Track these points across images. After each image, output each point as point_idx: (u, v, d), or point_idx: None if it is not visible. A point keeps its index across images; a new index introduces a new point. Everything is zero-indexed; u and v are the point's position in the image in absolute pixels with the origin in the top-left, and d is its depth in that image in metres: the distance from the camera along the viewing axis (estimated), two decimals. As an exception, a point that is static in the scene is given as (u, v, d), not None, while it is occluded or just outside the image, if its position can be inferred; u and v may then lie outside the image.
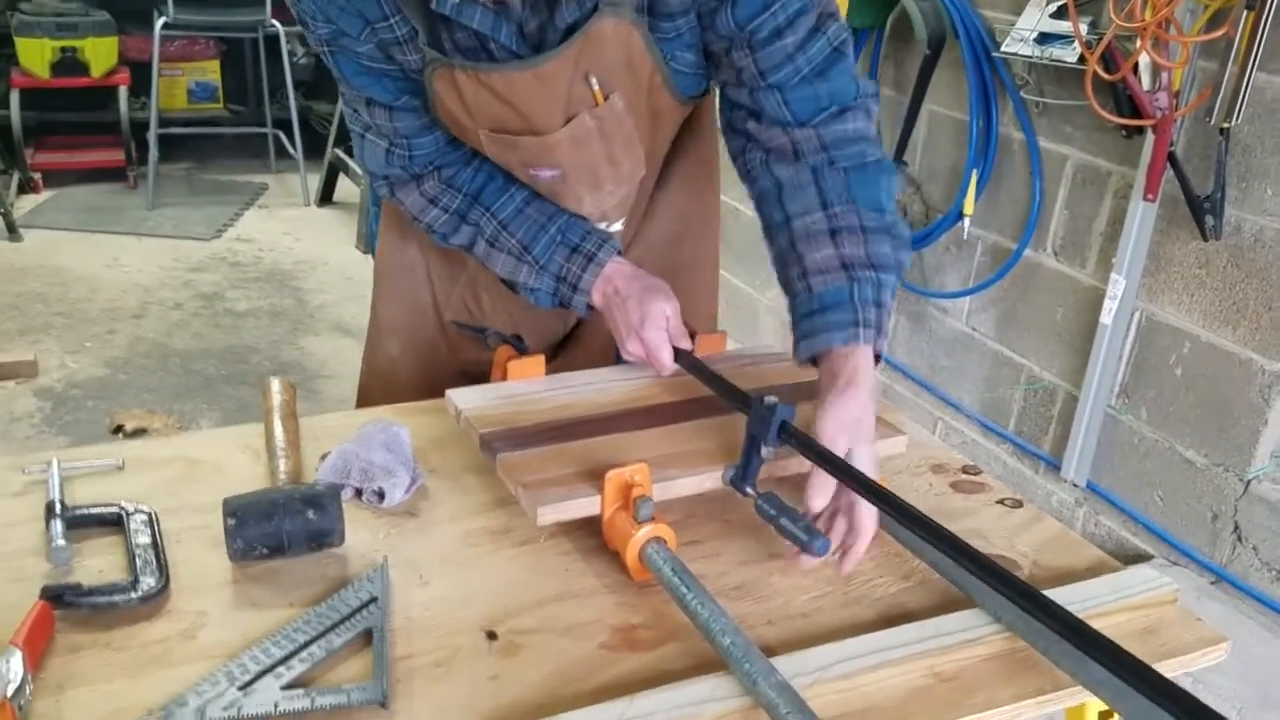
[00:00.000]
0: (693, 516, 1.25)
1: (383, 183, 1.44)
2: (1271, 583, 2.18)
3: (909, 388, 3.12)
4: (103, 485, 1.25)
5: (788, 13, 1.21)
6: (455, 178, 1.41)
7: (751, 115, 1.30)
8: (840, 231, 1.23)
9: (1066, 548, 1.26)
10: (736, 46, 1.24)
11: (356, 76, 1.30)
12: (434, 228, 1.44)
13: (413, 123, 1.35)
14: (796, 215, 1.27)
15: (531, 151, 1.33)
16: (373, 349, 1.72)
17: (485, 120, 1.30)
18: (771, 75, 1.24)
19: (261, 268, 4.56)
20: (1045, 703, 1.02)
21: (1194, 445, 2.31)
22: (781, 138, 1.28)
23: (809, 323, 1.22)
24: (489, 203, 1.40)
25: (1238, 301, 2.18)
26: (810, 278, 1.23)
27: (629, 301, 1.34)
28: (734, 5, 1.20)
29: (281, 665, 0.98)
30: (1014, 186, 2.68)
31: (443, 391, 1.54)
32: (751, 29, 1.21)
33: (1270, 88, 2.05)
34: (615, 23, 1.21)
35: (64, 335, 3.81)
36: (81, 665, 0.98)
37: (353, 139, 1.43)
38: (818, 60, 1.24)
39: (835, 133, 1.27)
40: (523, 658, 1.02)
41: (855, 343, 1.18)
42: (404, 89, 1.31)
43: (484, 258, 1.43)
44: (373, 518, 1.22)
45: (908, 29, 2.78)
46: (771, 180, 1.30)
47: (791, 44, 1.22)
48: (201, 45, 5.65)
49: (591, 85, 1.26)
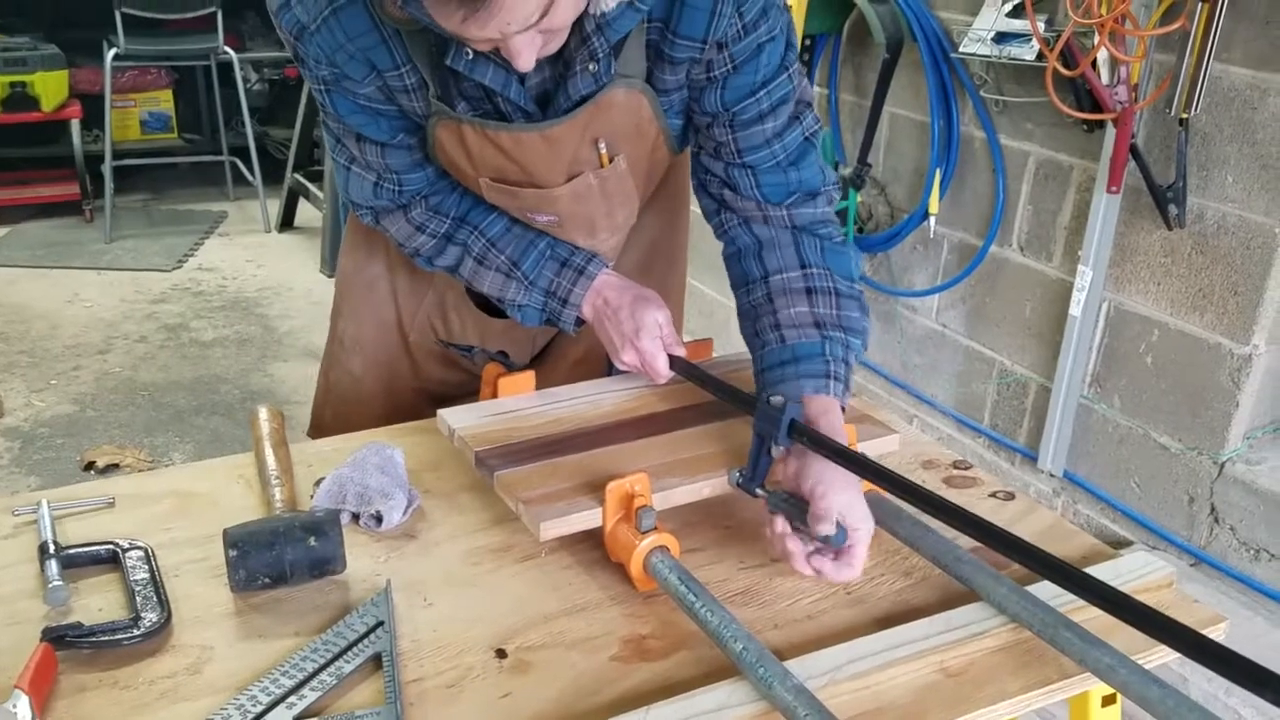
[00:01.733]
0: (689, 524, 1.25)
1: (367, 212, 1.44)
2: (1250, 562, 2.21)
3: (883, 386, 3.14)
4: (94, 523, 1.23)
5: (771, 100, 1.27)
6: (442, 204, 1.41)
7: (726, 186, 1.35)
8: (816, 291, 1.29)
9: (1061, 537, 1.27)
10: (718, 124, 1.30)
11: (351, 115, 1.30)
12: (420, 252, 1.44)
13: (405, 160, 1.35)
14: (774, 271, 1.32)
15: (531, 201, 1.35)
16: (332, 366, 1.70)
17: (487, 170, 1.32)
18: (748, 155, 1.31)
19: (225, 296, 4.51)
20: (1053, 692, 1.03)
21: (1168, 431, 2.34)
22: (755, 210, 1.34)
23: (778, 371, 1.26)
24: (476, 221, 1.40)
25: (1204, 288, 2.22)
26: (784, 329, 1.27)
27: (621, 312, 1.35)
28: (723, 88, 1.26)
29: (293, 695, 0.97)
30: (977, 184, 2.71)
31: (405, 410, 1.54)
32: (736, 110, 1.27)
33: (1226, 77, 2.10)
34: (627, 92, 1.25)
35: (28, 373, 3.75)
36: (89, 706, 0.97)
37: (335, 169, 1.44)
38: (792, 150, 1.31)
39: (805, 215, 1.34)
40: (534, 675, 1.02)
41: (825, 394, 1.22)
42: (399, 128, 1.31)
43: (470, 277, 1.42)
44: (371, 542, 1.22)
45: (865, 33, 2.81)
46: (751, 238, 1.35)
47: (770, 130, 1.29)
48: (153, 75, 5.59)
49: (599, 149, 1.30)
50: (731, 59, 1.23)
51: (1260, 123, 2.06)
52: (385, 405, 1.64)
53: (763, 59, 1.24)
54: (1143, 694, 0.94)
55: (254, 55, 5.71)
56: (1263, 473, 2.20)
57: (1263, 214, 2.08)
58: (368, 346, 1.65)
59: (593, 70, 1.21)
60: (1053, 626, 1.02)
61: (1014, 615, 1.06)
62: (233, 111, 5.44)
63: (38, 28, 5.25)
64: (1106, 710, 1.14)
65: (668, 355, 1.35)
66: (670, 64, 1.24)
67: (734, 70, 1.24)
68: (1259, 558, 2.20)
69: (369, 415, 1.61)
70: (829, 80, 3.06)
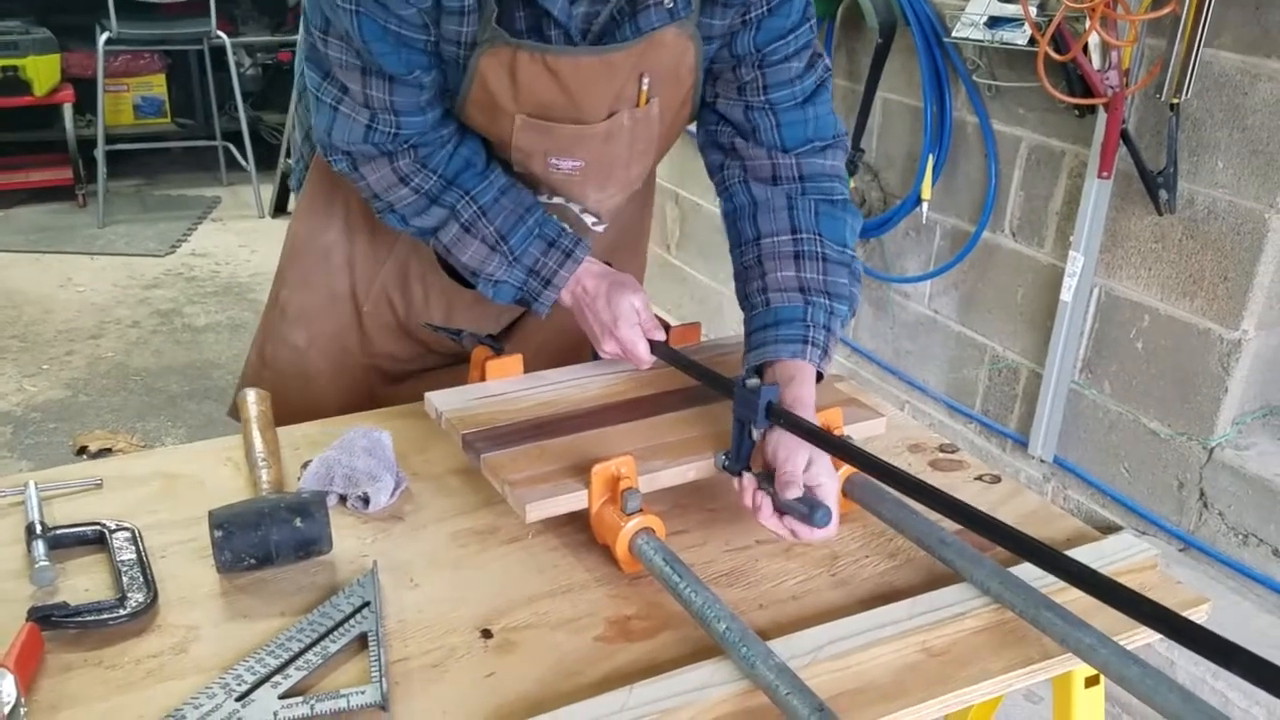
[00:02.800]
0: (677, 507, 1.25)
1: (344, 158, 1.36)
2: (1238, 547, 2.22)
3: (874, 372, 3.15)
4: (82, 505, 1.23)
5: (798, 44, 1.32)
6: (430, 157, 1.36)
7: (740, 133, 1.36)
8: (804, 256, 1.31)
9: (1046, 520, 1.28)
10: (745, 64, 1.32)
11: (376, 41, 1.22)
12: (396, 207, 1.38)
13: (412, 99, 1.29)
14: (766, 235, 1.33)
15: (564, 141, 1.34)
16: (269, 338, 1.63)
17: (529, 104, 1.29)
18: (773, 92, 1.33)
19: (218, 281, 4.51)
20: (1035, 672, 1.04)
21: (1158, 416, 2.35)
22: (764, 159, 1.35)
23: (761, 335, 1.27)
24: (469, 186, 1.36)
25: (1194, 273, 2.22)
26: (769, 293, 1.29)
27: (598, 301, 1.35)
28: (757, 30, 1.30)
29: (278, 674, 0.98)
30: (970, 170, 2.71)
31: (353, 386, 1.52)
32: (767, 51, 1.31)
33: (1217, 62, 2.10)
34: (677, 33, 1.27)
35: (20, 358, 3.74)
36: (74, 685, 0.97)
37: (314, 110, 1.35)
38: (809, 89, 1.35)
39: (813, 165, 1.35)
40: (519, 654, 1.03)
41: (800, 359, 1.23)
42: (418, 63, 1.25)
43: (451, 244, 1.38)
44: (359, 523, 1.22)
45: (859, 18, 2.80)
46: (748, 197, 1.37)
47: (795, 69, 1.33)
48: (146, 59, 5.56)
49: (642, 85, 1.31)
50: (768, 1, 1.27)
51: (1251, 108, 2.06)
52: (332, 381, 1.59)
53: (795, 3, 1.29)
54: (1122, 673, 0.95)
55: (247, 40, 5.69)
56: (1251, 458, 2.20)
57: (1253, 199, 2.09)
58: (315, 318, 1.59)
59: (668, 4, 1.23)
60: (1035, 607, 1.03)
61: (996, 596, 1.07)
62: (226, 96, 5.42)
63: (29, 11, 5.22)
64: (1090, 691, 1.15)
65: (648, 341, 1.36)
66: (724, 6, 1.27)
67: (769, 13, 1.28)
68: (1247, 542, 2.20)
69: (312, 391, 1.58)
70: (822, 65, 3.05)
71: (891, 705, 0.97)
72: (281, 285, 1.62)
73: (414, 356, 1.62)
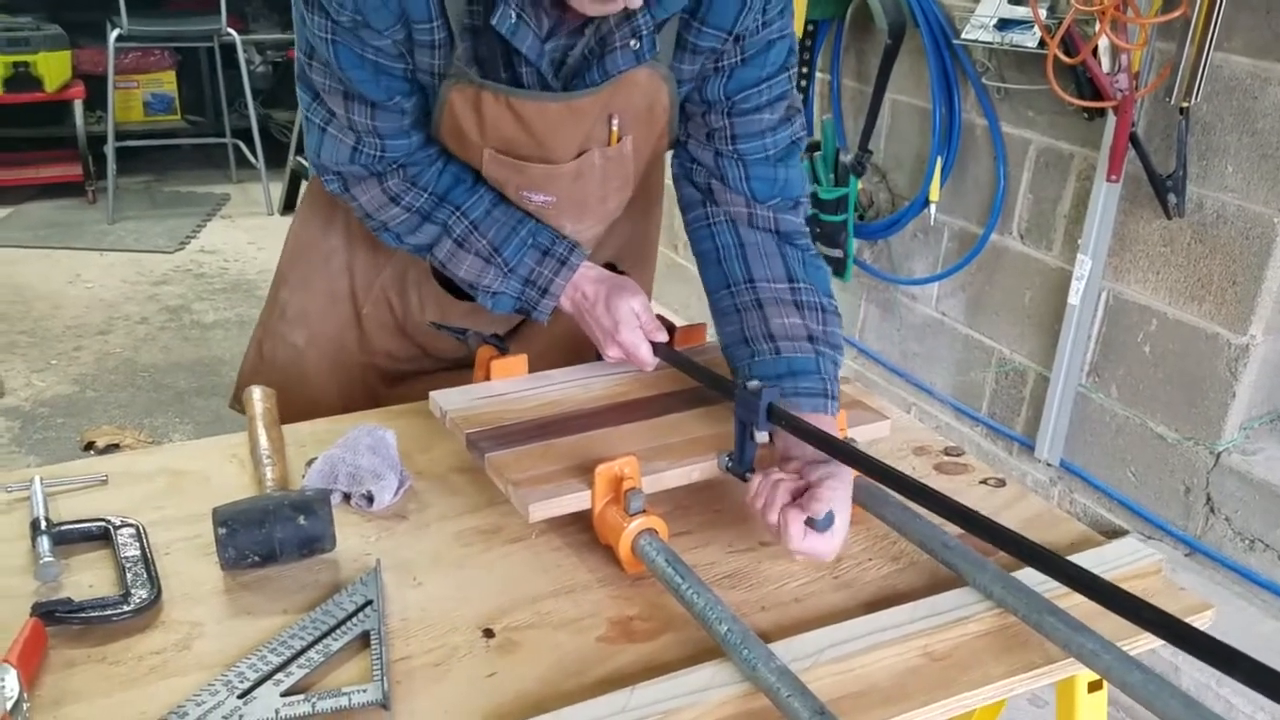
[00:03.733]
0: (680, 508, 1.25)
1: (335, 179, 1.38)
2: (1244, 552, 2.22)
3: (881, 374, 3.14)
4: (87, 501, 1.24)
5: (771, 95, 1.31)
6: (419, 176, 1.36)
7: (714, 176, 1.36)
8: (804, 306, 1.31)
9: (1051, 524, 1.28)
10: (715, 111, 1.32)
11: (353, 69, 1.23)
12: (389, 226, 1.39)
13: (394, 124, 1.30)
14: (761, 279, 1.33)
15: (533, 178, 1.33)
16: (268, 337, 1.63)
17: (495, 140, 1.30)
18: (742, 143, 1.33)
19: (227, 278, 4.52)
20: (1038, 676, 1.04)
21: (1165, 421, 2.34)
22: (741, 206, 1.35)
23: (776, 385, 1.24)
24: (459, 202, 1.37)
25: (1202, 277, 2.22)
26: (778, 341, 1.28)
27: (598, 307, 1.36)
28: (728, 78, 1.29)
29: (280, 672, 0.98)
30: (978, 172, 2.71)
31: (351, 385, 1.52)
32: (737, 99, 1.30)
33: (1227, 66, 2.09)
34: (650, 74, 1.26)
35: (29, 354, 3.76)
36: (77, 681, 0.97)
37: (306, 130, 1.37)
38: (781, 147, 1.34)
39: (788, 222, 1.36)
40: (521, 654, 1.03)
41: (823, 413, 1.23)
42: (397, 90, 1.27)
43: (446, 260, 1.38)
44: (362, 522, 1.22)
45: (868, 19, 2.80)
46: (734, 239, 1.36)
47: (766, 122, 1.32)
48: (156, 56, 5.58)
49: (612, 125, 1.31)
50: (743, 51, 1.26)
51: (1260, 112, 2.05)
52: (330, 380, 1.60)
53: (771, 55, 1.28)
54: (1125, 679, 0.94)
55: (257, 37, 5.70)
56: (1258, 463, 2.20)
57: (1262, 204, 2.08)
58: (314, 318, 1.60)
59: (634, 48, 1.21)
60: (1037, 612, 1.03)
61: (999, 600, 1.07)
62: (236, 93, 5.43)
63: (41, 7, 5.24)
64: (1093, 696, 1.15)
65: (651, 343, 1.36)
66: (692, 53, 1.26)
67: (742, 63, 1.27)
68: (1254, 548, 2.20)
69: (310, 389, 1.58)
70: (831, 66, 3.05)
71: (893, 709, 0.97)
72: (281, 285, 1.63)
73: (411, 357, 1.62)
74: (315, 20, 1.21)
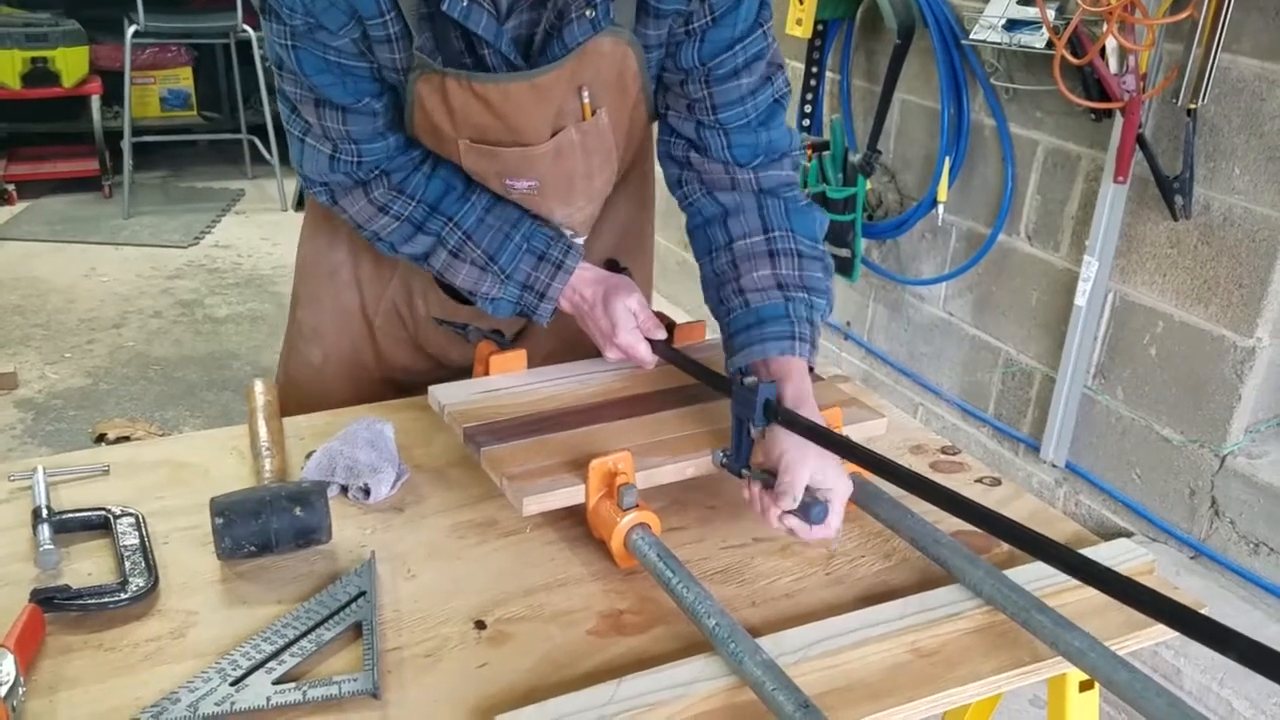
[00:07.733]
0: (675, 503, 1.26)
1: (322, 189, 1.38)
2: (1249, 555, 2.21)
3: (888, 374, 3.14)
4: (89, 490, 1.25)
5: (747, 55, 1.28)
6: (406, 183, 1.36)
7: (694, 148, 1.35)
8: (779, 254, 1.30)
9: (1045, 523, 1.28)
10: (693, 80, 1.30)
11: (318, 74, 1.24)
12: (381, 235, 1.39)
13: (367, 127, 1.30)
14: (739, 237, 1.32)
15: (512, 163, 1.31)
16: (291, 356, 1.65)
17: (468, 130, 1.28)
18: (722, 112, 1.31)
19: (240, 273, 4.54)
20: (1026, 674, 1.04)
21: (1170, 423, 2.34)
22: (721, 173, 1.35)
23: (746, 335, 1.27)
24: (451, 212, 1.36)
25: (1209, 279, 2.21)
26: (747, 294, 1.28)
27: (595, 309, 1.36)
28: (701, 41, 1.27)
29: (272, 660, 0.99)
30: (986, 172, 2.70)
31: (369, 401, 1.52)
32: (712, 65, 1.28)
33: (1235, 68, 2.08)
34: (614, 41, 1.24)
35: (43, 346, 3.79)
36: (73, 666, 0.99)
37: (289, 143, 1.38)
38: (763, 109, 1.32)
39: (771, 178, 1.34)
40: (511, 646, 1.04)
41: (791, 355, 1.23)
42: (366, 90, 1.26)
43: (443, 269, 1.38)
44: (359, 514, 1.23)
45: (877, 19, 2.80)
46: (716, 206, 1.36)
47: (746, 86, 1.30)
48: (173, 52, 5.61)
49: (583, 99, 1.29)
50: (711, 10, 1.24)
51: (1268, 114, 2.05)
52: (349, 395, 1.59)
53: (741, 12, 1.25)
54: (1111, 677, 0.95)
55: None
56: (1263, 466, 2.19)
57: (1269, 206, 2.07)
58: (328, 335, 1.60)
59: (590, 16, 1.20)
60: (1026, 610, 1.03)
61: (989, 598, 1.07)
62: (251, 89, 5.46)
63: (59, 4, 5.28)
64: (1084, 696, 1.15)
65: (649, 341, 1.36)
66: (655, 17, 1.24)
67: (713, 23, 1.25)
68: (1258, 551, 2.19)
69: (331, 406, 1.56)
70: (841, 66, 3.05)
71: (879, 704, 0.98)
72: (296, 304, 1.64)
73: (427, 369, 1.61)
74: (274, 28, 1.22)
